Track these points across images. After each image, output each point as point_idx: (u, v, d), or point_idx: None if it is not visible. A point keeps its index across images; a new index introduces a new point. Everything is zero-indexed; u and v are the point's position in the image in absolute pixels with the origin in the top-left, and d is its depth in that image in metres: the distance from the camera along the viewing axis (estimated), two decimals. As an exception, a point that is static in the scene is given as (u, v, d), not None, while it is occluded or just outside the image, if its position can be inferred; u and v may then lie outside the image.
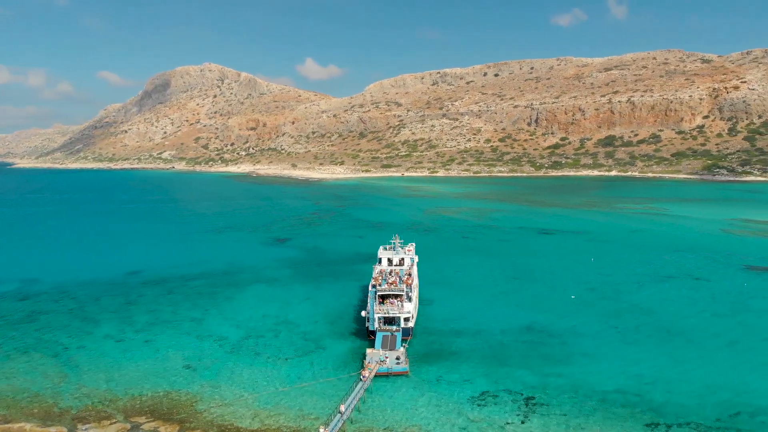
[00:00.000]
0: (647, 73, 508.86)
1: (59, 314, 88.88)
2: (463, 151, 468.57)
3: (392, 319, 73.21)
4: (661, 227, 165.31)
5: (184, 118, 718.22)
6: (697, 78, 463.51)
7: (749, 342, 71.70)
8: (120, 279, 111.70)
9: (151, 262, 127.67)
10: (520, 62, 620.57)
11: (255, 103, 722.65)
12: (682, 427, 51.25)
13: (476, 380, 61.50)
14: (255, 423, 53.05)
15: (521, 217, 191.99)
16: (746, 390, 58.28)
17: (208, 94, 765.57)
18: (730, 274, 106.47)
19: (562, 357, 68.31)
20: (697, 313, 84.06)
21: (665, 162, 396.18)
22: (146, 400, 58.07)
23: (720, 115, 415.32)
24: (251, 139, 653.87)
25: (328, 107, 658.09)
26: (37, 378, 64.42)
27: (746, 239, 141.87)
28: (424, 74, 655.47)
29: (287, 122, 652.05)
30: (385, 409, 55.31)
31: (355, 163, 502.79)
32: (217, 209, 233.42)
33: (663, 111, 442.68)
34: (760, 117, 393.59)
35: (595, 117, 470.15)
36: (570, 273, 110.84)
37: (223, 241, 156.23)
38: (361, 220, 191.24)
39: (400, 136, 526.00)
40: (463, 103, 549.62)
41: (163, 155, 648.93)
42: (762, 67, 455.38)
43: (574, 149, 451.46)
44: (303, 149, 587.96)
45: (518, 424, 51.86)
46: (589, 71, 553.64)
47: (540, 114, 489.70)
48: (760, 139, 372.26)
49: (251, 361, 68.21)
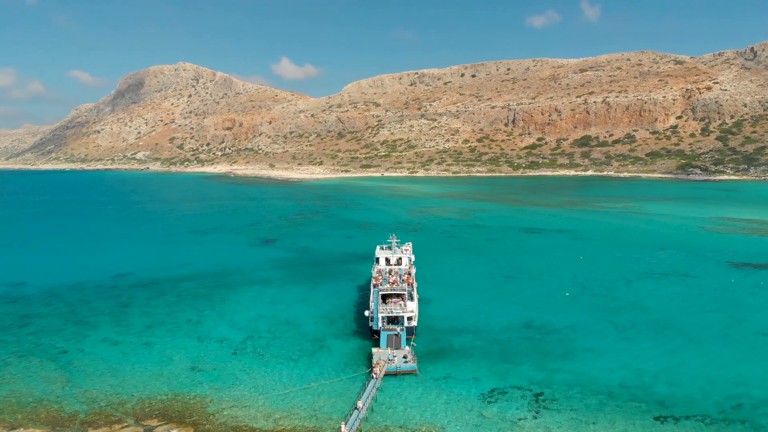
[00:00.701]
0: (621, 74, 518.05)
1: (52, 318, 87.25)
2: (442, 152, 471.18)
3: (396, 318, 73.59)
4: (643, 225, 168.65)
5: (158, 117, 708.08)
6: (670, 79, 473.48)
7: (742, 336, 73.82)
8: (109, 281, 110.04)
9: (138, 264, 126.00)
10: (497, 63, 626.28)
11: (231, 102, 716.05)
12: (690, 419, 52.63)
13: (484, 377, 62.23)
14: (269, 423, 52.95)
15: (505, 216, 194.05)
16: (745, 382, 60.03)
17: (183, 93, 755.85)
18: (716, 270, 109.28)
19: (563, 353, 69.48)
20: (689, 308, 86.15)
21: (640, 162, 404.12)
22: (155, 403, 57.50)
23: (693, 116, 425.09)
24: (227, 139, 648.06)
25: (305, 107, 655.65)
26: (39, 383, 63.24)
27: (726, 236, 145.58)
28: (402, 74, 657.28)
29: (264, 122, 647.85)
30: (398, 408, 55.67)
31: (334, 163, 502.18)
32: (199, 210, 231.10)
33: (637, 111, 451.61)
34: (732, 117, 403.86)
35: (571, 117, 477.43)
36: (561, 271, 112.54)
37: (210, 242, 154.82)
38: (347, 220, 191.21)
39: (379, 136, 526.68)
40: (441, 104, 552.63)
41: (138, 156, 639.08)
42: (734, 68, 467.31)
43: (550, 149, 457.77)
44: (281, 149, 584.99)
45: (531, 420, 52.69)
46: (565, 72, 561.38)
47: (517, 114, 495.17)
48: (733, 138, 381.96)
49: (256, 362, 67.92)
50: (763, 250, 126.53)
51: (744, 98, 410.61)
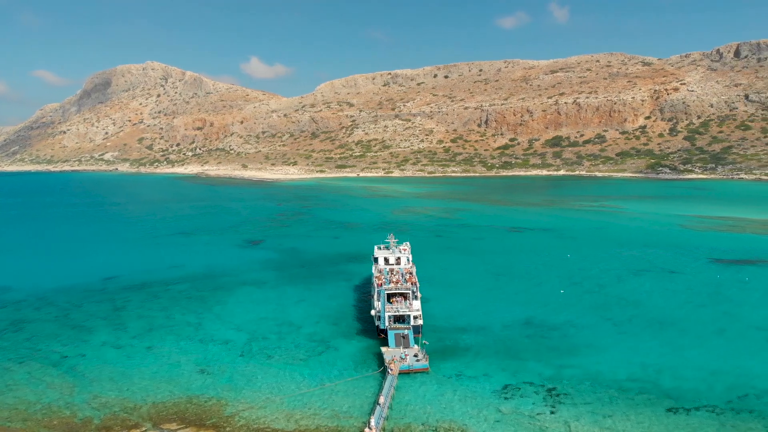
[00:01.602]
0: (591, 75, 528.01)
1: (45, 323, 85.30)
2: (416, 152, 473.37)
3: (402, 317, 74.12)
4: (622, 224, 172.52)
5: (126, 118, 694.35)
6: (638, 80, 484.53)
7: (737, 330, 76.41)
8: (98, 284, 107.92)
9: (125, 266, 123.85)
10: (469, 64, 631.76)
11: (201, 102, 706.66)
12: (700, 410, 54.39)
13: (495, 374, 63.14)
14: (291, 424, 52.89)
15: (488, 216, 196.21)
16: (746, 374, 62.20)
17: (152, 93, 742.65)
18: (701, 267, 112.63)
19: (567, 349, 70.91)
20: (681, 304, 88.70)
21: (611, 161, 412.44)
22: (170, 407, 56.85)
23: (661, 116, 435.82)
24: (198, 139, 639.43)
25: (278, 107, 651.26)
26: (44, 389, 61.87)
27: (704, 233, 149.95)
28: (375, 75, 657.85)
29: (236, 122, 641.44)
30: (416, 405, 56.15)
31: (309, 163, 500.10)
32: (177, 212, 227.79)
33: (607, 112, 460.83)
34: (699, 117, 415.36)
35: (543, 118, 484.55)
36: (551, 269, 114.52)
37: (194, 243, 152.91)
38: (330, 220, 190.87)
39: (353, 136, 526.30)
40: (415, 104, 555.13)
41: (105, 156, 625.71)
42: (700, 69, 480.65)
43: (523, 149, 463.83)
44: (253, 149, 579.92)
45: (548, 415, 53.76)
46: (536, 73, 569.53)
47: (490, 115, 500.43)
48: (700, 138, 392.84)
49: (265, 364, 67.64)
50: (741, 247, 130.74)
51: (710, 99, 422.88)
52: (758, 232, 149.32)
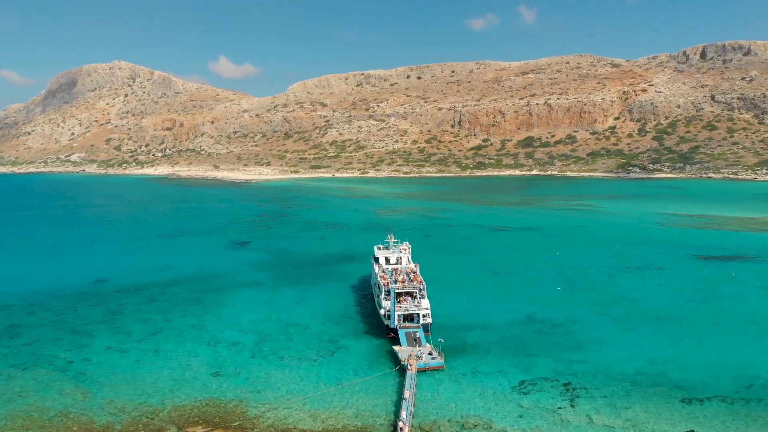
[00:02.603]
0: (562, 76, 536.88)
1: (42, 327, 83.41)
2: (391, 152, 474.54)
3: (412, 316, 74.83)
4: (603, 222, 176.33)
5: (93, 118, 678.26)
6: (607, 81, 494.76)
7: (731, 323, 79.30)
8: (88, 288, 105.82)
9: (113, 269, 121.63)
10: (442, 65, 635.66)
11: (170, 102, 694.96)
12: (712, 400, 56.45)
13: (509, 371, 64.29)
14: (317, 424, 53.04)
15: (470, 215, 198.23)
16: (748, 365, 64.72)
17: (119, 93, 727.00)
18: (687, 263, 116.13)
19: (574, 345, 72.57)
20: (674, 299, 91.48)
21: (582, 161, 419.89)
22: (190, 410, 56.40)
23: (630, 117, 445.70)
24: (167, 139, 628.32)
25: (249, 107, 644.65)
26: (55, 395, 60.67)
27: (684, 231, 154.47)
28: (348, 75, 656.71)
29: (206, 122, 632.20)
30: (439, 402, 56.86)
31: (282, 163, 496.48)
32: (155, 213, 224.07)
33: (578, 113, 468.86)
34: (667, 118, 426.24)
35: (515, 119, 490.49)
36: (543, 267, 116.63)
37: (180, 245, 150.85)
38: (315, 221, 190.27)
39: (327, 136, 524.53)
40: (389, 105, 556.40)
41: (72, 158, 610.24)
42: (667, 71, 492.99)
43: (496, 150, 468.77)
44: (225, 150, 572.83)
45: (569, 408, 55.09)
46: (507, 75, 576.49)
47: (463, 116, 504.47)
48: (668, 138, 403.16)
49: (278, 365, 67.52)
50: (721, 243, 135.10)
51: (677, 100, 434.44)
52: (735, 229, 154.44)
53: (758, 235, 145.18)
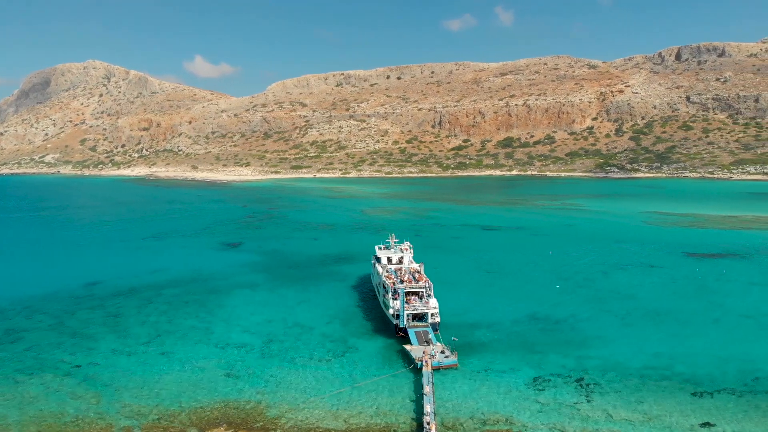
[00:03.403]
0: (540, 77, 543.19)
1: (41, 331, 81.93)
2: (372, 152, 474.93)
3: (420, 315, 75.32)
4: (589, 221, 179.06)
5: (67, 118, 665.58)
6: (585, 82, 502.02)
7: (729, 319, 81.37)
8: (82, 291, 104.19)
9: (104, 271, 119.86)
10: (421, 66, 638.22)
11: (147, 102, 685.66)
12: (722, 392, 58.01)
13: (521, 368, 65.13)
14: (340, 424, 53.16)
15: (458, 215, 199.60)
16: (751, 358, 66.56)
17: (94, 93, 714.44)
18: (677, 261, 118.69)
19: (580, 341, 73.79)
20: (671, 296, 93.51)
21: (561, 161, 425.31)
22: (209, 412, 56.04)
23: (607, 117, 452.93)
24: (144, 140, 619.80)
25: (227, 107, 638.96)
26: (67, 400, 59.70)
27: (669, 229, 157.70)
28: (327, 75, 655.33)
29: (184, 122, 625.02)
30: (457, 400, 57.37)
31: (262, 164, 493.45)
32: (139, 214, 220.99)
33: (556, 113, 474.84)
34: (643, 118, 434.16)
35: (494, 120, 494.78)
36: (537, 265, 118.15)
37: (170, 247, 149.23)
38: (304, 222, 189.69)
39: (307, 136, 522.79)
40: (369, 105, 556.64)
41: (46, 159, 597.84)
42: (643, 72, 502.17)
43: (476, 150, 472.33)
44: (203, 150, 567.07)
45: (586, 403, 56.10)
46: (486, 76, 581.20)
47: (443, 117, 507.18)
48: (644, 138, 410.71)
49: (291, 365, 67.38)
50: (707, 241, 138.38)
51: (654, 100, 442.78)
52: (719, 227, 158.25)
53: (742, 233, 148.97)
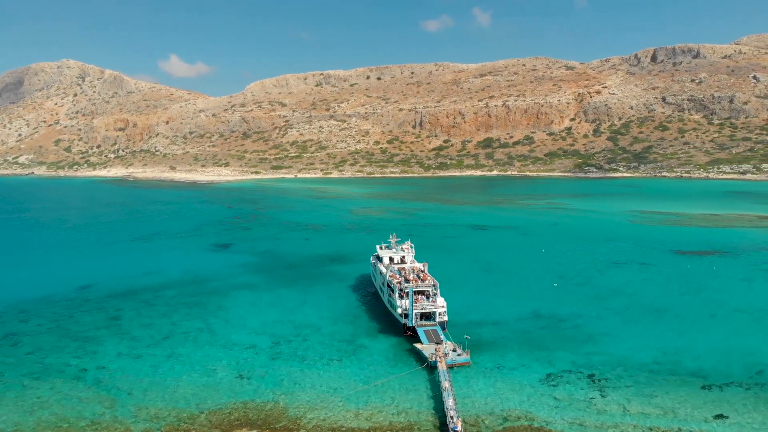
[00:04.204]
0: (519, 78, 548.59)
1: (41, 335, 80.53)
2: (354, 153, 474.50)
3: (428, 314, 75.88)
4: (576, 220, 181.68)
5: (41, 118, 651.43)
6: (563, 83, 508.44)
7: (725, 314, 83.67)
8: (77, 294, 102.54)
9: (97, 273, 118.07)
10: (401, 66, 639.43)
11: (123, 102, 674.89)
12: (730, 386, 59.67)
13: (532, 365, 66.10)
14: (363, 423, 53.39)
15: (446, 215, 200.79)
16: (753, 352, 68.57)
17: (68, 92, 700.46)
18: (668, 258, 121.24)
19: (584, 338, 75.13)
20: (666, 292, 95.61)
21: (540, 161, 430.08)
22: (229, 413, 55.80)
23: (585, 118, 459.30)
24: (120, 140, 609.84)
25: (206, 106, 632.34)
26: (80, 404, 58.87)
27: (656, 228, 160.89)
28: (307, 75, 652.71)
29: (161, 122, 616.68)
30: (475, 398, 57.99)
31: (242, 164, 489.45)
32: (122, 216, 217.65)
33: (535, 114, 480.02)
34: (620, 119, 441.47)
35: (474, 120, 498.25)
36: (532, 264, 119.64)
37: (160, 248, 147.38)
38: (292, 222, 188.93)
39: (287, 137, 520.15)
40: (350, 105, 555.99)
41: (20, 160, 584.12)
42: (620, 73, 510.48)
43: (456, 151, 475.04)
44: (181, 150, 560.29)
45: (601, 398, 57.21)
46: (466, 77, 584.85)
47: (424, 117, 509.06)
48: (622, 138, 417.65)
49: (303, 366, 67.35)
50: (694, 239, 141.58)
51: (630, 101, 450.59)
52: (703, 225, 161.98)
53: (726, 231, 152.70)
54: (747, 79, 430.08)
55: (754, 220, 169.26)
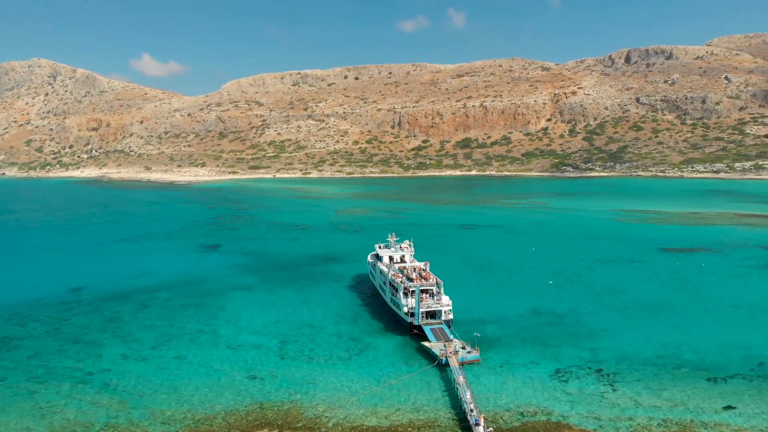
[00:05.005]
0: (495, 79, 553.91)
1: (39, 339, 79.01)
2: (333, 153, 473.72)
3: (434, 312, 76.54)
4: (560, 218, 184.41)
5: (11, 118, 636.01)
6: (539, 84, 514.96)
7: (719, 309, 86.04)
8: (70, 296, 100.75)
9: (86, 276, 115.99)
10: (379, 66, 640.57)
11: (95, 101, 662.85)
12: (733, 377, 61.53)
13: (540, 361, 67.18)
14: (383, 421, 53.74)
15: (432, 214, 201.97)
16: (750, 345, 70.74)
17: (39, 92, 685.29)
18: (655, 256, 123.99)
19: (586, 334, 76.57)
20: (659, 289, 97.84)
21: (518, 161, 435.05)
22: (245, 414, 55.62)
23: (561, 118, 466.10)
24: (93, 140, 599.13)
25: (181, 106, 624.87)
26: (91, 409, 58.02)
27: (640, 226, 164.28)
28: (284, 74, 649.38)
29: (135, 122, 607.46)
30: (489, 394, 58.73)
31: (219, 164, 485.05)
32: (103, 217, 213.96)
33: (512, 115, 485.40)
34: (595, 119, 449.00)
35: (452, 120, 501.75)
36: (525, 262, 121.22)
37: (146, 250, 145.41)
38: (278, 223, 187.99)
39: (265, 136, 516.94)
40: (328, 105, 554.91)
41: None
42: (594, 74, 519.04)
43: (435, 151, 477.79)
44: (156, 150, 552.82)
45: (613, 392, 58.49)
46: (443, 77, 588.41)
47: (402, 117, 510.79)
48: (597, 138, 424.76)
49: (312, 365, 67.39)
50: (678, 237, 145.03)
51: (605, 102, 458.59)
52: (685, 223, 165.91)
53: (708, 228, 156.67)
54: (719, 80, 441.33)
55: (733, 217, 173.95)
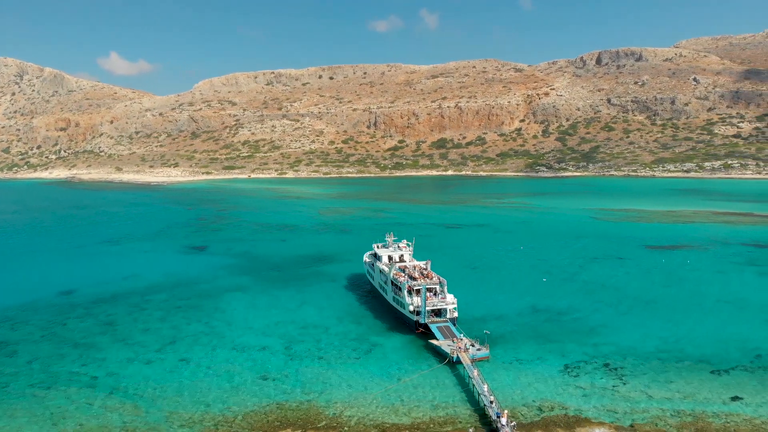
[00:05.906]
0: (470, 80, 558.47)
1: (35, 343, 77.27)
2: (308, 153, 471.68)
3: (439, 311, 77.21)
4: (542, 217, 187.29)
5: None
6: (513, 85, 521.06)
7: (710, 304, 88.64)
8: (60, 300, 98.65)
9: (74, 279, 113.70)
10: (354, 66, 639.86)
11: (64, 101, 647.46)
12: (736, 369, 63.62)
13: (547, 357, 68.34)
14: (404, 419, 54.12)
15: (415, 214, 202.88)
16: (746, 338, 73.13)
17: (5, 91, 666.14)
18: (642, 253, 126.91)
19: (588, 330, 78.18)
20: (650, 285, 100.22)
21: (492, 162, 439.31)
22: (265, 415, 55.42)
23: (534, 119, 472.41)
24: (62, 140, 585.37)
25: (152, 105, 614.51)
26: (105, 413, 57.03)
27: (621, 224, 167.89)
28: (257, 73, 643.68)
29: (105, 122, 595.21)
30: (503, 390, 59.40)
31: (192, 164, 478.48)
32: (81, 219, 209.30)
33: (486, 115, 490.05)
34: (568, 120, 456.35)
35: (428, 121, 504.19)
36: (516, 261, 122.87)
37: (131, 252, 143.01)
38: (262, 224, 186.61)
39: (239, 136, 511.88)
40: (303, 105, 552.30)
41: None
42: (567, 75, 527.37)
43: (411, 151, 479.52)
44: (127, 151, 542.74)
45: (623, 386, 59.92)
46: (418, 78, 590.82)
47: (378, 117, 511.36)
48: (570, 139, 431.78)
49: (323, 365, 67.41)
50: (661, 234, 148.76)
51: (577, 103, 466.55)
52: (664, 221, 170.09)
53: (687, 226, 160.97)
54: (687, 81, 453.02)
55: (709, 215, 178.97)
